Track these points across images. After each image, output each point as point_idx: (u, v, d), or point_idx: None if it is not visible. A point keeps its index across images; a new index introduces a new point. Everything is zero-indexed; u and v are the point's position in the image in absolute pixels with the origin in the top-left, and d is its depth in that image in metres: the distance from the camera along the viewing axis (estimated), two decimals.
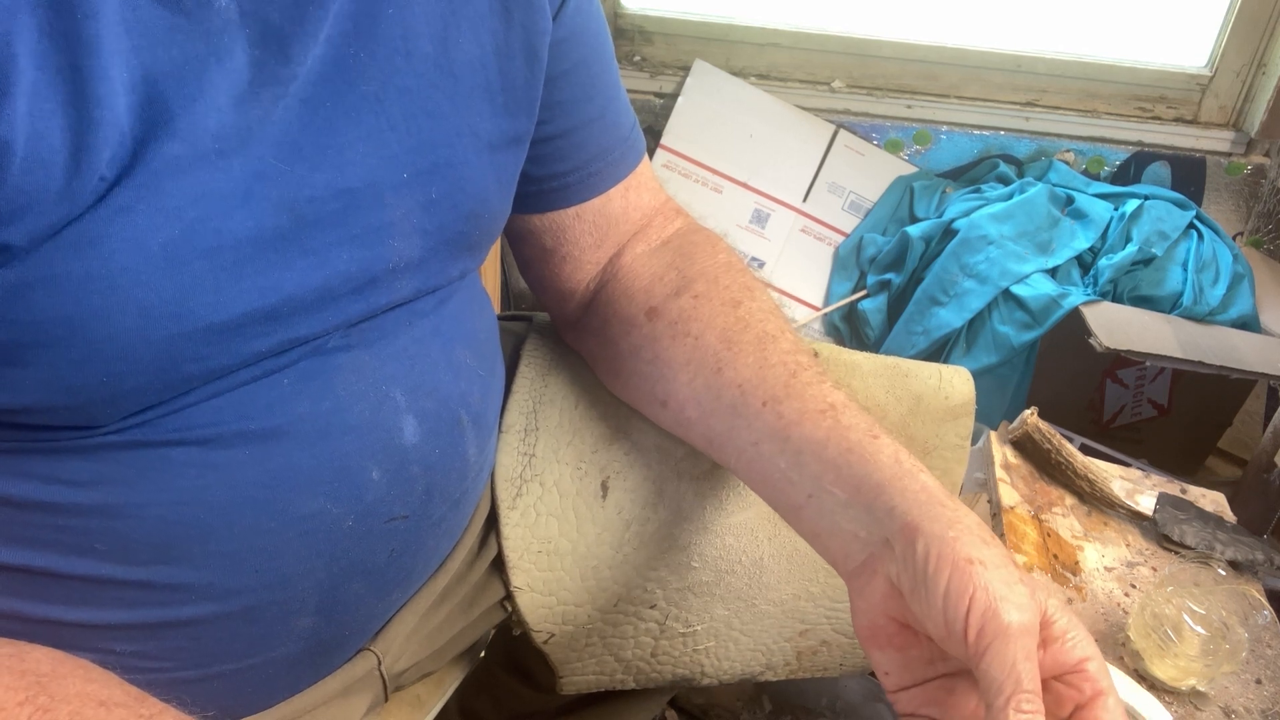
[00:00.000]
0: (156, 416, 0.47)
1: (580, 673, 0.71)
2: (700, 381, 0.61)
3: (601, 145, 0.66)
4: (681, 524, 0.69)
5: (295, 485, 0.51)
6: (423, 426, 0.56)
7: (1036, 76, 1.61)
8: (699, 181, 1.63)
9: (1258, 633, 0.80)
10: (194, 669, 0.54)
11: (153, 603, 0.50)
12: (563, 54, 0.60)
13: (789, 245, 1.65)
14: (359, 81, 0.49)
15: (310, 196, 0.47)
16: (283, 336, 0.49)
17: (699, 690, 1.18)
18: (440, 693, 0.77)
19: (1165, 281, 1.44)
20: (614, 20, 1.64)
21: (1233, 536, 0.91)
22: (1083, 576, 0.87)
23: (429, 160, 0.52)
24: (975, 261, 1.46)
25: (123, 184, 0.41)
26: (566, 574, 0.68)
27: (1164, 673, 0.76)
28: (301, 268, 0.48)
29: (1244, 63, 1.57)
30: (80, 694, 0.44)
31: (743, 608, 0.71)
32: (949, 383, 0.73)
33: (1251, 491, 1.28)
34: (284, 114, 0.46)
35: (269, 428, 0.50)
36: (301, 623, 0.55)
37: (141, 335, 0.43)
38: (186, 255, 0.43)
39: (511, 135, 0.58)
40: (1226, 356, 1.31)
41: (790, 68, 1.64)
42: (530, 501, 0.69)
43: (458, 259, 0.58)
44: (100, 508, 0.47)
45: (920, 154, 1.64)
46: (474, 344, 0.62)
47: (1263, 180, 1.61)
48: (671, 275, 0.66)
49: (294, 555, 0.53)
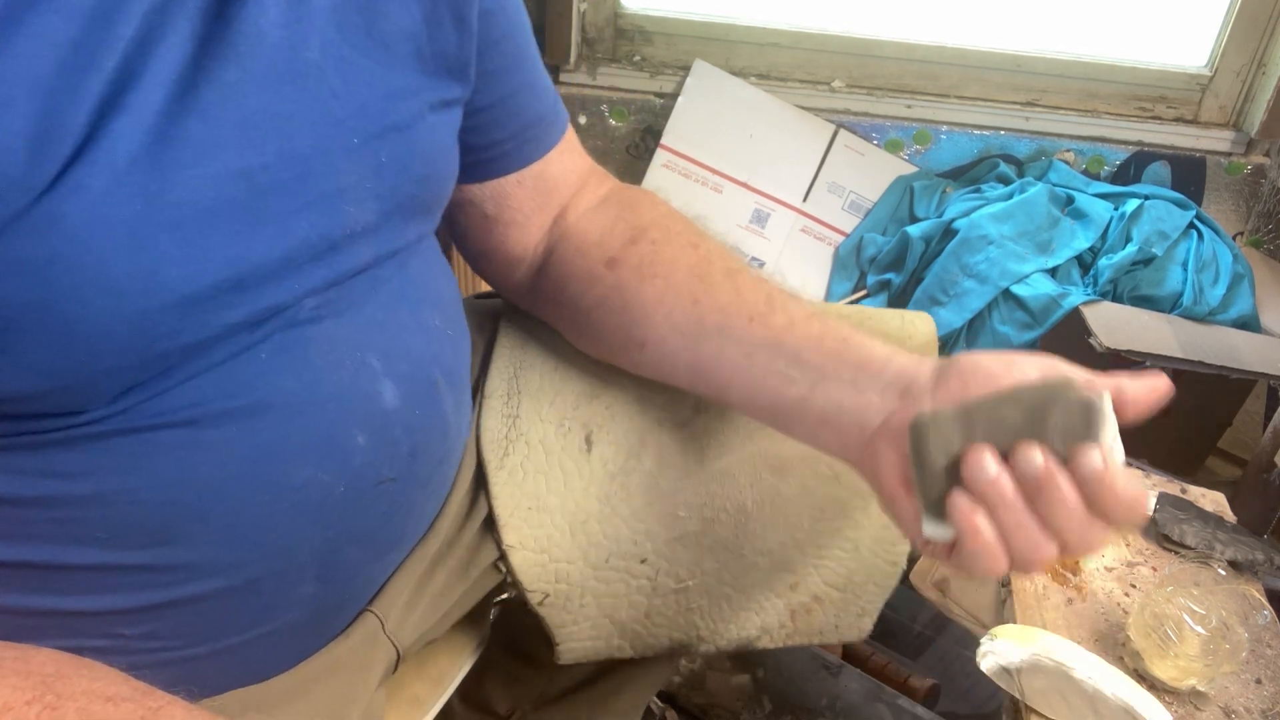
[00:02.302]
0: (139, 401, 0.48)
1: (576, 638, 0.72)
2: (679, 314, 0.64)
3: (535, 111, 0.69)
4: (665, 471, 0.71)
5: (284, 457, 0.52)
6: (401, 390, 0.58)
7: (1036, 76, 1.61)
8: (699, 181, 1.63)
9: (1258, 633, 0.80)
10: (204, 644, 0.55)
11: (157, 584, 0.51)
12: (493, 24, 0.63)
13: (789, 245, 1.65)
14: (301, 49, 0.50)
15: (264, 164, 0.48)
16: (253, 307, 0.49)
17: (699, 690, 1.18)
18: (440, 691, 0.77)
19: (1165, 281, 1.44)
20: (614, 20, 1.64)
21: (1233, 536, 0.91)
22: (1083, 576, 0.87)
23: (376, 125, 0.54)
24: (975, 261, 1.46)
25: (79, 162, 0.42)
26: (556, 530, 0.70)
27: (1164, 673, 0.76)
28: (265, 236, 0.49)
29: (1244, 63, 1.57)
30: (86, 691, 0.45)
31: (731, 559, 0.72)
32: (911, 324, 0.75)
33: (1251, 491, 1.28)
34: (231, 86, 0.47)
35: (252, 403, 0.51)
36: (303, 590, 0.57)
37: (114, 312, 0.44)
38: (150, 230, 0.44)
39: (447, 99, 0.60)
40: (1226, 356, 1.31)
41: (790, 68, 1.64)
42: (517, 460, 0.71)
43: (412, 222, 0.60)
44: (94, 497, 0.48)
45: (920, 154, 1.64)
46: (439, 306, 0.64)
47: (1263, 180, 1.61)
48: (621, 227, 0.69)
49: (290, 525, 0.54)
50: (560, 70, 1.64)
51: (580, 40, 1.64)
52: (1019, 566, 0.50)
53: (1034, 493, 0.49)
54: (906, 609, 1.29)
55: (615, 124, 1.66)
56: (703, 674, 1.19)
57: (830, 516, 0.74)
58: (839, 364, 0.58)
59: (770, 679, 1.16)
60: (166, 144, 0.44)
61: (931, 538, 0.52)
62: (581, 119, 1.66)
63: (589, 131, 1.66)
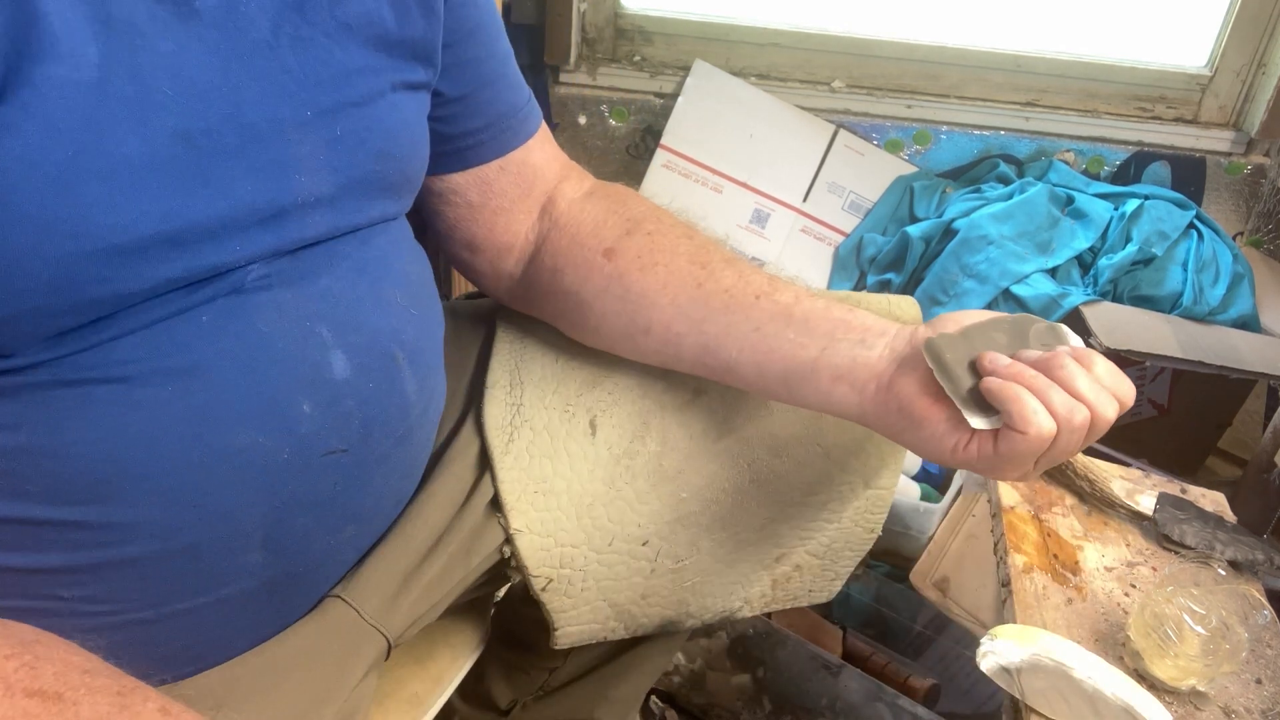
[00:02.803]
0: (72, 352, 0.48)
1: (575, 622, 0.73)
2: (684, 297, 0.67)
3: (510, 101, 0.71)
4: (669, 454, 0.72)
5: (222, 419, 0.52)
6: (352, 361, 0.58)
7: (1036, 76, 1.61)
8: (699, 181, 1.63)
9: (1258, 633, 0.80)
10: (147, 609, 0.55)
11: (92, 543, 0.51)
12: (464, 15, 0.65)
13: (789, 245, 1.65)
14: (251, 29, 0.52)
15: (205, 129, 0.49)
16: (190, 264, 0.50)
17: (699, 690, 1.18)
18: (440, 690, 0.77)
19: (1165, 281, 1.44)
20: (614, 20, 1.64)
21: (1233, 536, 0.91)
22: (1083, 576, 0.87)
23: (331, 100, 0.55)
24: (975, 261, 1.46)
25: (5, 102, 0.42)
26: (563, 513, 0.71)
27: (1164, 673, 0.76)
28: (204, 196, 0.50)
29: (1244, 63, 1.57)
30: (65, 660, 0.45)
31: (726, 537, 0.74)
32: (897, 305, 0.78)
33: (1251, 491, 1.28)
34: (178, 50, 0.48)
35: (188, 364, 0.51)
36: (249, 558, 0.57)
37: (37, 252, 0.44)
38: (80, 175, 0.45)
39: (413, 81, 0.62)
40: (1226, 356, 1.31)
41: (790, 68, 1.64)
42: (523, 445, 0.71)
43: (374, 199, 0.60)
44: (26, 448, 0.48)
45: (920, 154, 1.64)
46: (405, 284, 0.64)
47: (1263, 180, 1.61)
48: (613, 219, 0.71)
49: (231, 489, 0.54)
50: (560, 70, 1.64)
51: (580, 40, 1.64)
52: (1064, 425, 0.56)
53: (1045, 369, 0.57)
54: (906, 609, 1.28)
55: (615, 124, 1.66)
56: (703, 674, 1.19)
57: (818, 491, 0.76)
58: (846, 329, 0.63)
59: (770, 679, 1.16)
60: (101, 98, 0.45)
61: (979, 426, 0.58)
62: (581, 119, 1.66)
63: (589, 131, 1.66)
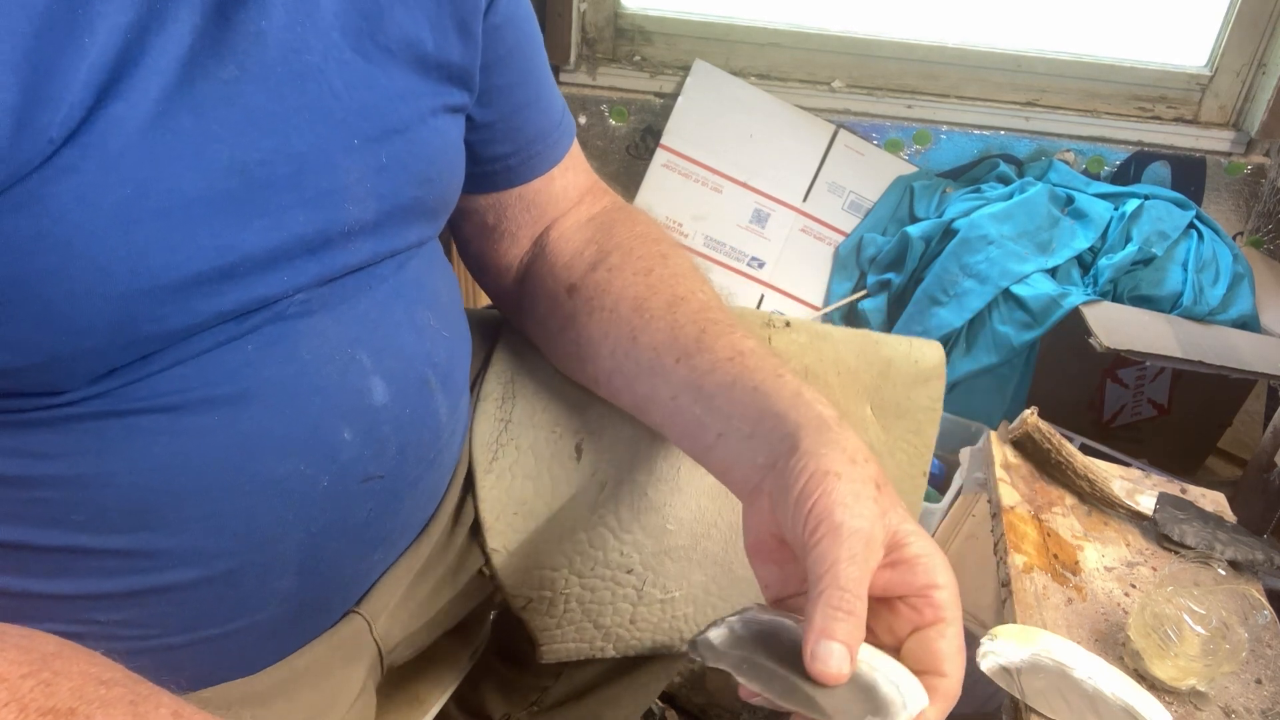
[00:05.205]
0: (121, 385, 0.48)
1: (560, 640, 0.72)
2: (620, 351, 0.65)
3: (540, 128, 0.69)
4: (656, 485, 0.70)
5: (267, 448, 0.52)
6: (391, 387, 0.58)
7: (1036, 76, 1.61)
8: (699, 181, 1.63)
9: (1258, 633, 0.80)
10: (179, 634, 0.54)
11: (132, 570, 0.51)
12: (499, 39, 0.63)
13: (789, 245, 1.65)
14: (302, 52, 0.51)
15: (260, 160, 0.49)
16: (241, 297, 0.50)
17: (699, 690, 1.18)
18: (440, 691, 0.77)
19: (1165, 281, 1.44)
20: (614, 20, 1.64)
21: (1233, 536, 0.91)
22: (1083, 576, 0.87)
23: (377, 127, 0.55)
24: (975, 261, 1.46)
25: (69, 144, 0.42)
26: (542, 537, 0.69)
27: (1164, 673, 0.76)
28: (258, 228, 0.49)
29: (1244, 62, 1.57)
30: (83, 673, 0.45)
31: (719, 573, 0.72)
32: (919, 350, 0.75)
33: (1251, 491, 1.28)
34: (227, 83, 0.48)
35: (235, 392, 0.51)
36: (283, 584, 0.56)
37: (98, 293, 0.44)
38: (139, 214, 0.44)
39: (450, 105, 0.61)
40: (1226, 356, 1.31)
41: (790, 68, 1.64)
42: (506, 464, 0.70)
43: (414, 224, 0.60)
44: (71, 478, 0.48)
45: (920, 154, 1.64)
46: (436, 306, 0.63)
47: (1263, 180, 1.61)
48: (590, 250, 0.70)
49: (272, 517, 0.53)
50: (560, 70, 1.64)
51: (580, 40, 1.64)
52: None
53: None
54: None
55: (615, 124, 1.66)
56: (703, 674, 1.19)
57: None
58: (743, 415, 0.57)
59: None
60: (160, 134, 0.45)
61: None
62: (581, 119, 1.66)
63: (589, 131, 1.66)
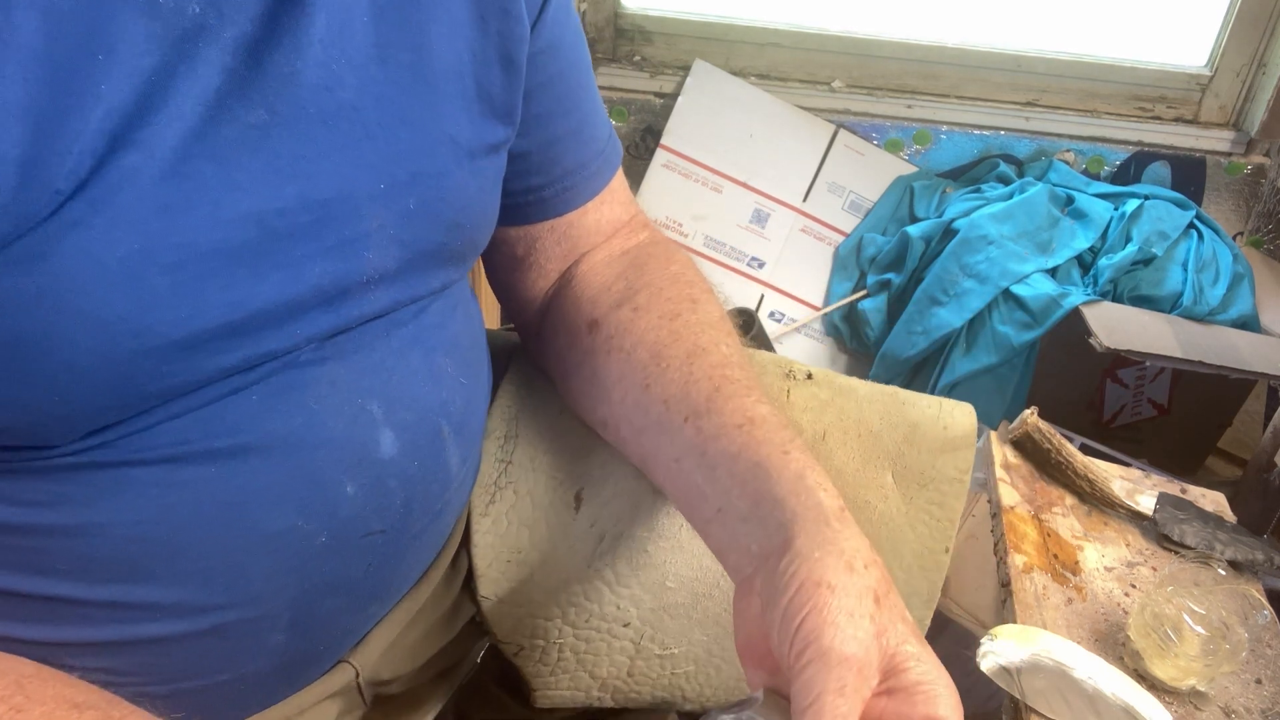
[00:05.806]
0: (116, 437, 0.45)
1: (555, 687, 0.69)
2: (631, 399, 0.60)
3: (578, 159, 0.65)
4: (656, 541, 0.67)
5: (264, 502, 0.50)
6: (401, 439, 0.55)
7: (1036, 76, 1.61)
8: (699, 181, 1.63)
9: (1258, 633, 0.80)
10: (161, 685, 0.52)
11: (117, 620, 0.49)
12: (540, 65, 0.59)
13: (789, 245, 1.65)
14: (337, 89, 0.47)
15: (281, 209, 0.46)
16: (249, 352, 0.47)
17: None
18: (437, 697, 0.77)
19: (1165, 281, 1.44)
20: (614, 20, 1.64)
21: (1233, 536, 0.91)
22: (1083, 576, 0.87)
23: (407, 170, 0.51)
24: (975, 261, 1.46)
25: (76, 197, 0.39)
26: (536, 586, 0.67)
27: (1164, 673, 0.76)
28: (273, 281, 0.46)
29: (1244, 62, 1.57)
30: (56, 696, 0.44)
31: (722, 634, 0.68)
32: (949, 413, 0.70)
33: (1251, 491, 1.28)
34: (255, 128, 0.44)
35: (236, 445, 0.48)
36: (274, 639, 0.54)
37: (99, 354, 0.41)
38: (146, 270, 0.41)
39: (491, 143, 0.57)
40: (1226, 356, 1.31)
41: (790, 68, 1.64)
42: (503, 509, 0.67)
43: (438, 270, 0.57)
44: (60, 528, 0.46)
45: (920, 154, 1.64)
46: (456, 351, 0.60)
47: (1263, 180, 1.61)
48: (619, 285, 0.65)
49: (264, 573, 0.51)
50: None
51: None
52: None
53: None
54: None
55: (615, 124, 1.66)
56: None
57: None
58: (742, 492, 0.52)
59: None
60: (176, 183, 0.42)
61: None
62: None
63: None
